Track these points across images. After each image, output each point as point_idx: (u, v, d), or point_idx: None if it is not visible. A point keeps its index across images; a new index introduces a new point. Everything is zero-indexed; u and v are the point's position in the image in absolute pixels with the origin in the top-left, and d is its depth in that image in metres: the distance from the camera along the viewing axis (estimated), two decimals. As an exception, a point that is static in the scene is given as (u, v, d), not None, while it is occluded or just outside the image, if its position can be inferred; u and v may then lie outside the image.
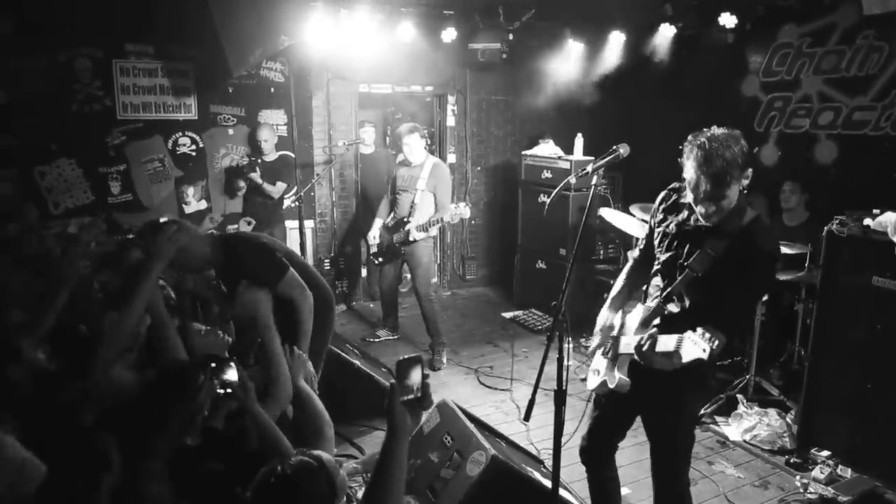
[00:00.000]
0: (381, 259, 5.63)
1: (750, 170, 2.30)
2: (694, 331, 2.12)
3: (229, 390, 2.25)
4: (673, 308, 2.45)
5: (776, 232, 2.31)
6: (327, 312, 3.70)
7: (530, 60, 7.13)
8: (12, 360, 2.32)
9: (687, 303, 2.42)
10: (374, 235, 5.60)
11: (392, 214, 5.53)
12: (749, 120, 6.09)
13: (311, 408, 2.69)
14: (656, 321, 2.49)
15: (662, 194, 2.64)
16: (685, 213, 2.47)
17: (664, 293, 2.47)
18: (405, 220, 5.33)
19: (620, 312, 2.67)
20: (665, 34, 6.43)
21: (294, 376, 2.73)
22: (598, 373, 2.66)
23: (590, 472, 2.95)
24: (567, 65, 7.15)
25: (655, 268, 2.59)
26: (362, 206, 6.88)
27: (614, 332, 2.64)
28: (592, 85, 7.24)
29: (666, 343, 2.20)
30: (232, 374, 2.28)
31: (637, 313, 2.57)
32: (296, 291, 3.27)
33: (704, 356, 2.08)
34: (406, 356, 1.61)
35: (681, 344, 2.14)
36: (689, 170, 2.29)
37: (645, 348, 2.27)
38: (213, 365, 2.23)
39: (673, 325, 2.36)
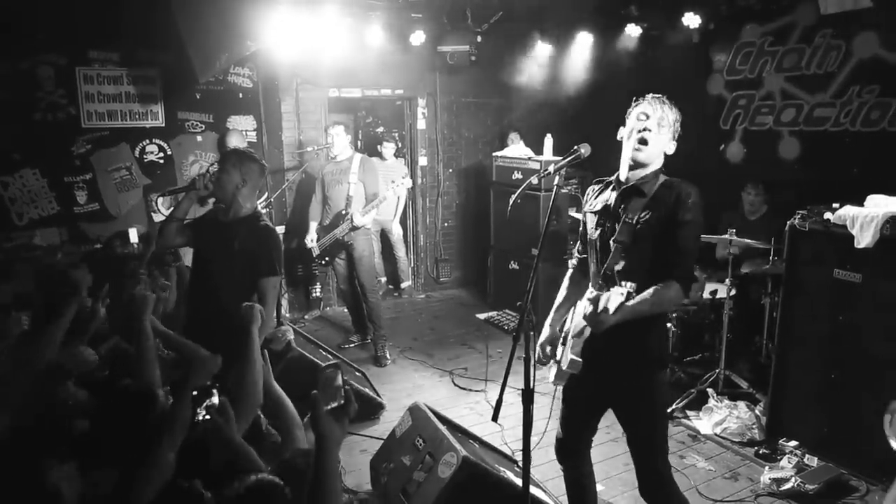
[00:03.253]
0: (326, 259, 5.65)
1: (676, 135, 2.56)
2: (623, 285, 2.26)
3: (208, 416, 2.23)
4: (619, 289, 2.45)
5: (692, 185, 2.50)
6: None
7: (499, 62, 7.17)
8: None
9: (625, 268, 2.50)
10: (311, 238, 5.62)
11: (325, 212, 5.58)
12: (715, 118, 6.20)
13: (282, 409, 2.69)
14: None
15: (590, 187, 2.81)
16: (609, 191, 2.65)
17: (603, 273, 2.56)
18: (343, 212, 5.41)
19: (570, 313, 2.73)
20: (631, 34, 6.52)
21: (266, 376, 2.72)
22: (556, 363, 2.70)
23: (565, 468, 2.95)
24: (536, 66, 7.21)
25: (591, 252, 2.67)
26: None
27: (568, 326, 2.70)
28: (561, 85, 7.31)
29: (601, 301, 2.25)
30: (214, 400, 2.26)
31: (583, 302, 2.58)
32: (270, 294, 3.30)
33: (623, 298, 2.19)
34: (326, 364, 1.62)
35: (609, 297, 2.22)
36: (629, 120, 2.59)
37: (589, 312, 2.28)
38: (196, 393, 2.22)
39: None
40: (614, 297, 2.20)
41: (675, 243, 2.43)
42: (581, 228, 2.82)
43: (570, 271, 2.90)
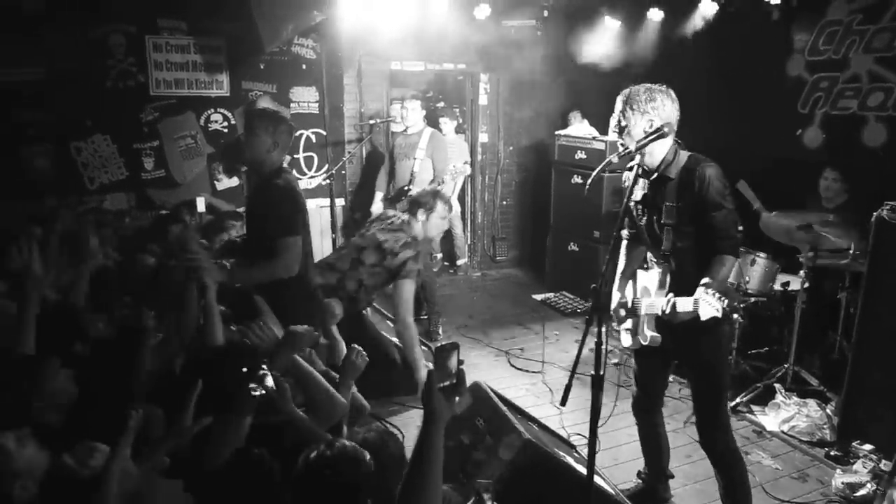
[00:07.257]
0: None
1: (653, 117, 2.66)
2: (706, 291, 2.45)
3: (263, 391, 2.23)
4: (673, 261, 2.80)
5: (708, 160, 2.76)
6: None
7: (565, 38, 6.95)
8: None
9: (679, 247, 2.77)
10: (377, 208, 5.57)
11: (391, 185, 5.54)
12: (793, 101, 5.87)
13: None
14: (668, 279, 2.81)
15: (625, 174, 2.99)
16: (641, 182, 2.85)
17: (661, 254, 2.82)
18: (405, 188, 5.35)
19: (631, 281, 3.03)
20: (706, 11, 6.22)
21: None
22: (630, 332, 3.00)
23: (641, 422, 3.31)
24: (603, 43, 6.96)
25: (643, 237, 2.96)
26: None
27: (635, 297, 2.98)
28: (629, 64, 7.05)
29: (684, 304, 2.56)
30: (267, 378, 2.26)
31: (651, 276, 2.89)
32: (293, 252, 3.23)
33: (719, 314, 2.39)
34: (443, 343, 1.58)
35: (697, 305, 2.47)
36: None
37: (668, 312, 2.61)
38: (246, 369, 2.21)
39: (682, 277, 2.73)
40: (705, 308, 2.42)
41: (711, 224, 2.65)
42: (624, 211, 2.94)
43: (624, 242, 3.16)
